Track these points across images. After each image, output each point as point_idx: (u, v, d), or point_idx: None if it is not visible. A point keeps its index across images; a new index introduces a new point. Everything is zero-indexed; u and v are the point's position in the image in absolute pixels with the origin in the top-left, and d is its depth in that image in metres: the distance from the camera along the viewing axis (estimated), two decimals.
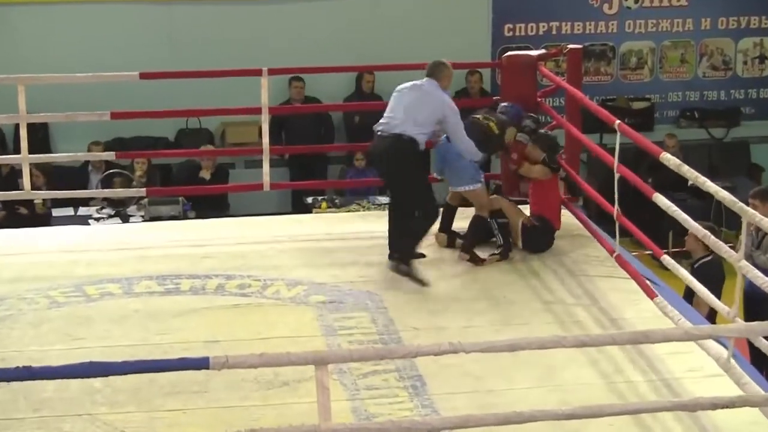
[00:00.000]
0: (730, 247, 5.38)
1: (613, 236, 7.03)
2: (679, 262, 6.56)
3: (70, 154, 9.55)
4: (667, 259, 6.24)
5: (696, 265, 7.79)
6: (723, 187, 5.44)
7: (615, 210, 6.74)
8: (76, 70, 9.37)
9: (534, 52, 8.74)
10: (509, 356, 4.85)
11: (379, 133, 6.99)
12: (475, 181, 7.33)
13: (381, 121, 7.02)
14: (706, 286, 5.75)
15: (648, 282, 6.84)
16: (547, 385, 5.59)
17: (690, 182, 5.62)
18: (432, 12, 12.39)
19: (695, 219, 5.83)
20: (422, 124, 6.92)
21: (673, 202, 6.07)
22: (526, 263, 7.34)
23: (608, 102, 12.74)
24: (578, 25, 12.83)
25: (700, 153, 12.69)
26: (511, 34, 12.73)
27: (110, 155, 9.66)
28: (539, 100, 8.35)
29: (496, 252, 7.33)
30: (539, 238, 7.47)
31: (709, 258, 7.76)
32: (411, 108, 6.92)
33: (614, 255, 6.96)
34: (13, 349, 6.08)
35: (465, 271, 7.16)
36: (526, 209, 7.64)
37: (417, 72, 7.44)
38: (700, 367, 5.56)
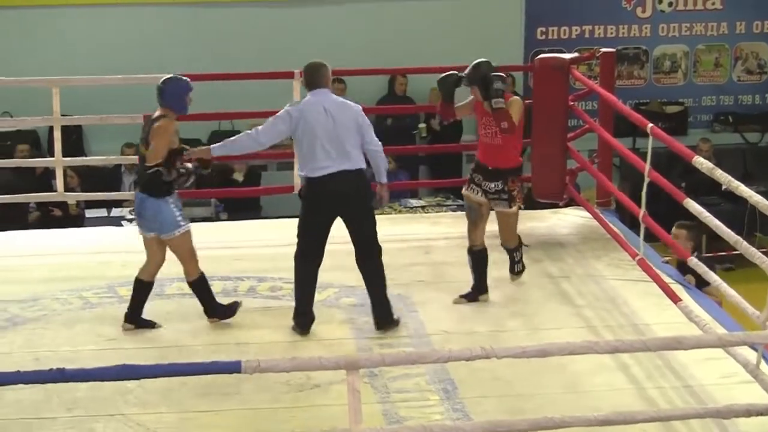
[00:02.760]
0: (764, 252, 5.33)
1: (645, 240, 6.96)
2: (712, 267, 6.52)
3: (103, 157, 9.59)
4: (693, 261, 6.19)
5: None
6: (758, 192, 5.40)
7: (641, 212, 6.68)
8: (108, 73, 9.42)
9: (566, 55, 8.69)
10: (540, 361, 4.83)
11: (330, 173, 6.17)
12: (178, 224, 6.32)
13: (318, 160, 6.19)
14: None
15: (680, 285, 6.80)
16: (577, 391, 5.57)
17: (723, 186, 5.57)
18: (464, 15, 12.37)
19: (728, 223, 5.79)
20: (358, 146, 6.28)
21: (705, 206, 6.03)
22: (556, 266, 7.31)
23: (641, 106, 12.66)
24: (611, 29, 12.77)
25: (734, 157, 12.60)
26: (543, 37, 12.68)
27: None
28: (571, 103, 8.32)
29: (520, 269, 7.05)
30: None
31: None
32: (341, 135, 6.21)
33: (637, 258, 6.88)
34: (47, 350, 6.13)
35: (495, 276, 7.13)
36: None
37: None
38: (734, 373, 5.50)
